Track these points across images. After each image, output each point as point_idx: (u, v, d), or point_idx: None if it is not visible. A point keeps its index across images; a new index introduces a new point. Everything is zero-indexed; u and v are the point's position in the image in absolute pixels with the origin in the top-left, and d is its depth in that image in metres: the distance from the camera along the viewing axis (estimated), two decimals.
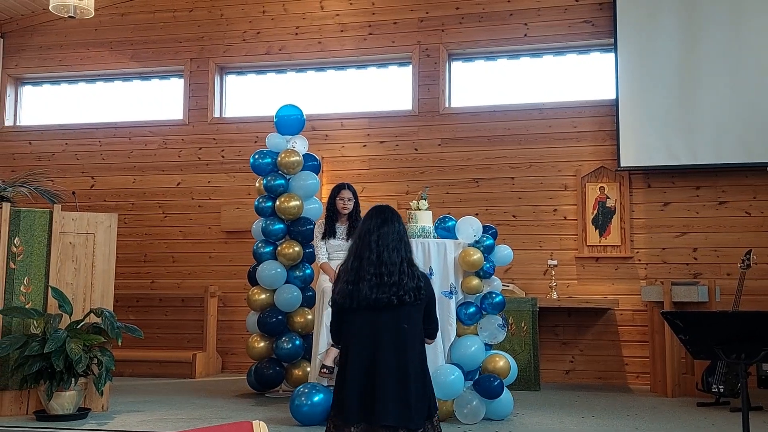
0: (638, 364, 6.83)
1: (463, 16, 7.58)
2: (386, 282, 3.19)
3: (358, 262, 3.27)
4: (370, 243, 3.28)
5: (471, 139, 7.42)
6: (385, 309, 3.20)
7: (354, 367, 3.17)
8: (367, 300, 3.19)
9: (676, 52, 6.91)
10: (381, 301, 3.18)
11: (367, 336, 3.19)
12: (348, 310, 3.24)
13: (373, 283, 3.20)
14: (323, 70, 8.01)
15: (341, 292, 3.24)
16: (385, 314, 3.20)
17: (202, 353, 7.25)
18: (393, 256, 3.25)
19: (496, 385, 4.78)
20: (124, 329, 5.15)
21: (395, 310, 3.20)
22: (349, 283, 3.24)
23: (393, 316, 3.20)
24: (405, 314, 3.22)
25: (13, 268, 5.14)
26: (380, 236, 3.29)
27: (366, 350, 3.18)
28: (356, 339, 3.21)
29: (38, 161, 8.26)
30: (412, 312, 3.25)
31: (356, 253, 3.31)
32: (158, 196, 8.02)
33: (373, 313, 3.20)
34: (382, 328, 3.19)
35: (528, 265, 7.06)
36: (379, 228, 3.31)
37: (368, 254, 3.25)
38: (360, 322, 3.22)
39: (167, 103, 8.31)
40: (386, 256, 3.24)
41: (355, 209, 5.71)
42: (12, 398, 5.08)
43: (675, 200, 6.96)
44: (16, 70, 8.53)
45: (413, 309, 3.25)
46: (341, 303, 3.25)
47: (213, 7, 8.14)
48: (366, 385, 3.13)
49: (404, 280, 3.22)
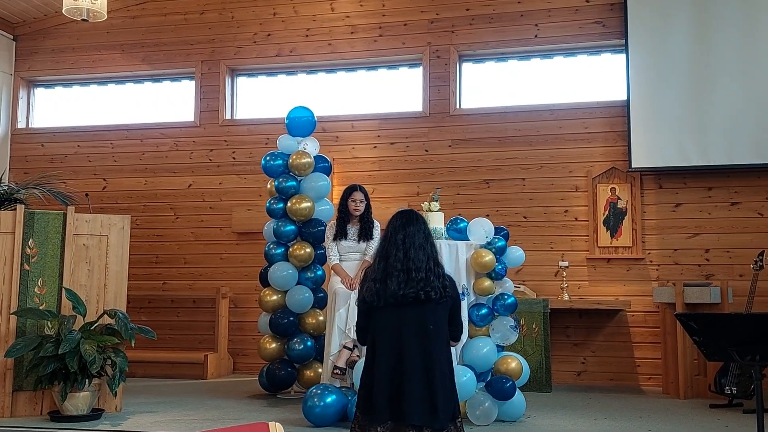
0: (650, 366, 6.81)
1: (473, 17, 7.58)
2: (414, 278, 3.22)
3: (385, 261, 3.29)
4: (396, 241, 3.31)
5: (482, 141, 7.42)
6: (412, 305, 3.21)
7: (382, 365, 3.18)
8: (394, 296, 3.21)
9: (688, 52, 6.88)
10: (408, 296, 3.20)
11: (394, 333, 3.21)
12: (376, 308, 3.26)
13: (401, 279, 3.22)
14: (334, 71, 8.03)
15: (369, 290, 3.26)
16: (412, 311, 3.21)
17: (213, 354, 7.28)
18: (419, 253, 3.28)
19: (509, 387, 4.78)
20: (138, 330, 5.18)
21: (422, 306, 3.22)
22: (376, 281, 3.26)
23: (419, 313, 3.22)
24: (431, 312, 3.23)
25: (27, 269, 5.18)
26: (406, 235, 3.32)
27: (393, 348, 3.19)
28: (382, 337, 3.23)
29: (51, 163, 8.31)
30: (438, 310, 3.27)
31: (383, 252, 3.33)
32: (170, 198, 8.06)
33: (399, 310, 3.21)
34: (408, 324, 3.21)
35: (539, 266, 7.05)
36: (405, 227, 3.34)
37: (395, 252, 3.28)
38: (387, 319, 3.23)
39: (178, 105, 8.34)
40: (413, 253, 3.27)
41: (367, 211, 5.72)
42: (27, 399, 5.12)
43: (687, 201, 6.93)
44: (29, 72, 8.58)
45: (439, 307, 3.27)
46: (369, 301, 3.26)
47: (224, 10, 8.17)
48: (394, 384, 3.14)
49: (431, 278, 3.24)
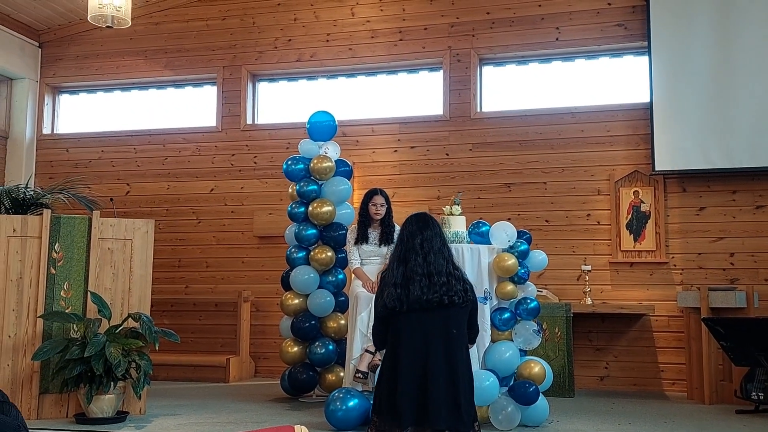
0: (674, 371, 6.75)
1: (493, 20, 7.57)
2: (435, 282, 3.21)
3: (404, 265, 3.27)
4: (415, 246, 3.29)
5: (502, 144, 7.40)
6: (435, 310, 3.20)
7: (406, 370, 3.16)
8: (418, 301, 3.19)
9: (711, 53, 6.83)
10: (432, 301, 3.18)
11: (419, 338, 3.19)
12: (398, 313, 3.24)
13: (423, 284, 3.20)
14: (354, 76, 8.06)
15: (390, 296, 3.24)
16: (435, 315, 3.20)
17: (235, 358, 7.32)
18: (438, 258, 3.27)
19: (532, 391, 4.76)
20: (161, 334, 5.22)
21: (445, 310, 3.21)
22: (397, 286, 3.24)
23: (442, 317, 3.21)
24: (453, 316, 3.22)
25: (53, 273, 5.25)
26: (424, 239, 3.30)
27: (417, 353, 3.17)
28: (406, 342, 3.21)
29: (75, 168, 8.41)
30: (460, 314, 3.26)
31: (401, 257, 3.31)
32: (192, 202, 8.12)
33: (423, 315, 3.20)
34: (432, 329, 3.19)
35: (561, 270, 7.01)
36: (422, 231, 3.33)
37: (414, 257, 3.27)
38: (410, 324, 3.21)
39: (201, 110, 8.41)
40: (432, 257, 3.26)
41: (388, 214, 5.73)
42: (53, 401, 5.18)
43: (711, 204, 6.87)
44: (54, 79, 8.69)
45: (461, 311, 3.26)
46: (391, 306, 3.24)
47: (245, 15, 8.23)
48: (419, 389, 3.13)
49: (452, 282, 3.23)
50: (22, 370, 5.12)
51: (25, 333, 5.16)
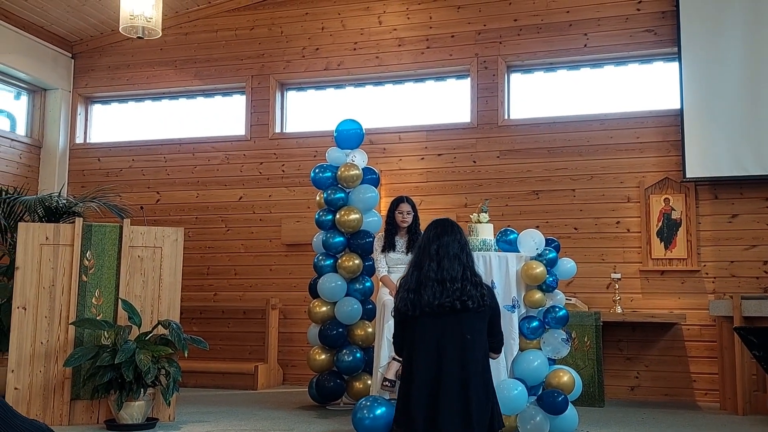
0: (707, 381, 6.64)
1: (521, 27, 7.54)
2: (448, 288, 3.18)
3: (419, 271, 3.26)
4: (430, 252, 3.28)
5: (530, 151, 7.36)
6: (448, 315, 3.17)
7: (418, 377, 3.15)
8: (429, 306, 3.17)
9: (743, 58, 6.73)
10: (444, 306, 3.15)
11: (431, 344, 3.16)
12: (410, 319, 3.22)
13: (436, 289, 3.18)
14: (381, 84, 8.08)
15: (402, 300, 3.24)
16: (448, 320, 3.17)
17: (263, 365, 7.35)
18: (454, 264, 3.24)
19: (561, 401, 4.71)
20: (191, 341, 5.27)
21: (458, 315, 3.17)
22: (410, 291, 3.23)
23: (456, 323, 3.17)
24: (468, 321, 3.18)
25: (85, 281, 5.32)
26: (440, 245, 3.29)
27: (430, 359, 3.15)
28: (420, 348, 3.19)
29: (106, 177, 8.53)
30: (476, 320, 3.21)
31: (416, 263, 3.31)
32: (221, 210, 8.19)
33: (436, 320, 3.17)
34: (446, 335, 3.16)
35: (591, 278, 6.94)
36: (439, 237, 3.31)
37: (428, 262, 3.25)
38: (423, 329, 3.19)
39: (229, 119, 8.49)
40: (446, 263, 3.23)
41: (414, 222, 5.73)
42: (84, 408, 5.24)
43: (743, 212, 6.76)
44: (86, 89, 8.84)
45: (476, 317, 3.21)
46: (403, 311, 3.24)
47: (273, 25, 8.30)
48: (431, 396, 3.11)
49: (467, 287, 3.20)
50: (54, 376, 5.19)
51: (57, 340, 5.24)
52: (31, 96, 8.67)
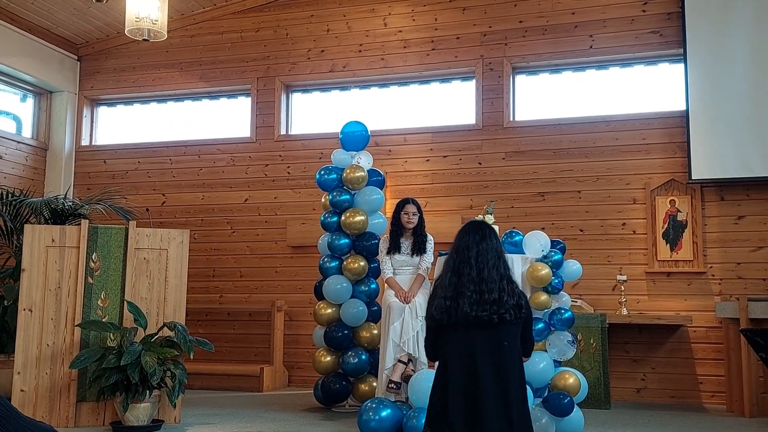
0: (713, 383, 6.61)
1: (526, 29, 7.54)
2: (486, 299, 3.12)
3: (457, 278, 3.19)
4: (470, 259, 3.21)
5: (536, 153, 7.35)
6: (485, 327, 3.13)
7: (455, 386, 3.11)
8: (466, 318, 3.12)
9: (749, 59, 6.71)
10: (481, 319, 3.10)
11: (467, 354, 3.13)
12: (446, 327, 3.18)
13: (473, 300, 3.12)
14: (386, 86, 8.07)
15: (439, 307, 3.18)
16: (485, 332, 3.13)
17: (269, 367, 7.35)
18: (493, 273, 3.18)
19: (567, 403, 4.70)
20: (196, 343, 5.27)
21: (495, 328, 3.13)
22: (447, 298, 3.18)
23: (493, 335, 3.13)
24: (505, 332, 3.15)
25: (90, 282, 5.33)
26: (479, 252, 3.22)
27: (466, 369, 3.11)
28: (455, 357, 3.15)
29: (112, 179, 8.55)
30: (512, 330, 3.18)
31: (454, 268, 3.24)
32: (226, 213, 8.20)
33: (472, 331, 3.13)
34: (482, 346, 3.12)
35: (596, 280, 6.92)
36: (478, 244, 3.24)
37: (468, 270, 3.18)
38: (459, 339, 3.15)
39: (235, 121, 8.50)
40: (486, 273, 3.17)
41: (420, 224, 5.72)
42: (89, 409, 5.25)
43: (750, 213, 6.73)
44: (92, 92, 8.86)
45: (513, 327, 3.18)
46: (439, 319, 3.18)
47: (278, 27, 8.31)
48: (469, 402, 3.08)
49: (504, 298, 3.14)
50: (60, 378, 5.20)
51: (63, 341, 5.25)
52: (37, 98, 8.70)
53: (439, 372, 3.26)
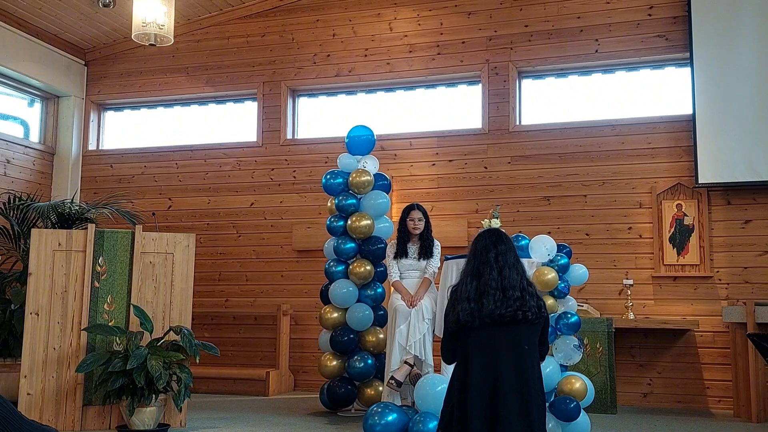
0: (720, 388, 6.58)
1: (532, 33, 7.54)
2: (510, 296, 3.17)
3: (478, 280, 3.24)
4: (489, 260, 3.25)
5: (542, 157, 7.34)
6: (508, 325, 3.16)
7: (475, 386, 3.13)
8: (491, 316, 3.15)
9: (755, 63, 6.69)
10: (506, 316, 3.14)
11: (490, 354, 3.15)
12: (470, 329, 3.20)
13: (498, 297, 3.16)
14: (392, 90, 8.08)
15: (464, 310, 3.20)
16: (507, 331, 3.16)
17: (275, 371, 7.35)
18: (513, 273, 3.23)
19: (573, 408, 4.68)
20: (202, 347, 5.28)
21: (517, 327, 3.16)
22: (470, 300, 3.20)
23: (515, 334, 3.17)
24: (525, 332, 3.18)
25: (97, 286, 5.35)
26: (498, 254, 3.27)
27: (488, 370, 3.13)
28: (476, 358, 3.17)
29: (119, 184, 8.58)
30: (532, 331, 3.22)
31: (474, 271, 3.27)
32: (232, 217, 8.21)
33: (495, 330, 3.16)
34: (503, 345, 3.15)
35: (602, 284, 6.91)
36: (496, 246, 3.29)
37: (489, 270, 3.23)
38: (481, 340, 3.17)
39: (241, 125, 8.52)
40: (507, 272, 3.22)
41: (426, 229, 5.74)
42: (96, 413, 5.26)
43: (757, 217, 6.71)
44: (99, 96, 8.90)
45: (533, 328, 3.22)
46: (464, 321, 3.20)
47: (284, 32, 8.33)
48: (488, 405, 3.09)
49: (526, 297, 3.19)
50: (66, 381, 5.22)
51: (69, 345, 5.26)
52: (45, 103, 8.74)
53: (457, 375, 3.27)
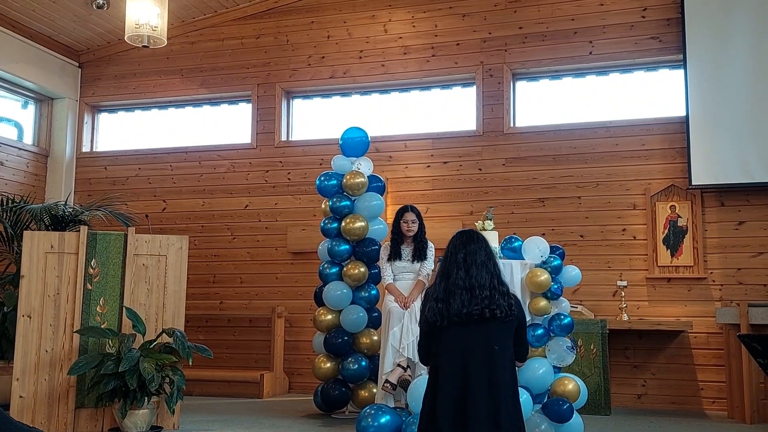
0: (714, 389, 6.59)
1: (526, 35, 7.54)
2: (477, 296, 3.16)
3: (446, 280, 3.24)
4: (457, 260, 3.26)
5: (536, 159, 7.35)
6: (477, 324, 3.15)
7: (445, 387, 3.12)
8: (458, 315, 3.15)
9: (749, 65, 6.71)
10: (472, 315, 3.14)
11: (459, 354, 3.14)
12: (439, 328, 3.20)
13: (464, 297, 3.16)
14: (387, 92, 8.09)
15: (431, 309, 3.21)
16: (477, 329, 3.15)
17: (269, 373, 7.34)
18: (482, 272, 3.22)
19: (566, 409, 4.68)
20: (195, 349, 5.27)
21: (486, 325, 3.15)
22: (438, 300, 3.21)
23: (484, 332, 3.16)
24: (496, 331, 3.17)
25: (89, 289, 5.33)
26: (467, 253, 3.27)
27: (457, 370, 3.13)
28: (446, 358, 3.16)
29: (113, 186, 8.56)
30: (503, 330, 3.20)
31: (443, 272, 3.28)
32: (226, 219, 8.20)
33: (464, 329, 3.15)
34: (473, 344, 3.14)
35: (596, 285, 6.91)
36: (465, 246, 3.29)
37: (456, 270, 3.23)
38: (451, 339, 3.17)
39: (236, 127, 8.51)
40: (475, 271, 3.22)
41: (420, 231, 5.73)
42: (88, 416, 5.25)
43: (750, 219, 6.72)
44: (93, 98, 8.88)
45: (504, 327, 3.20)
46: (432, 321, 3.21)
47: (279, 34, 8.33)
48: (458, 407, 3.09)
49: (495, 296, 3.18)
50: (58, 384, 5.20)
51: (61, 348, 5.25)
52: (39, 105, 8.73)
53: (429, 377, 3.27)
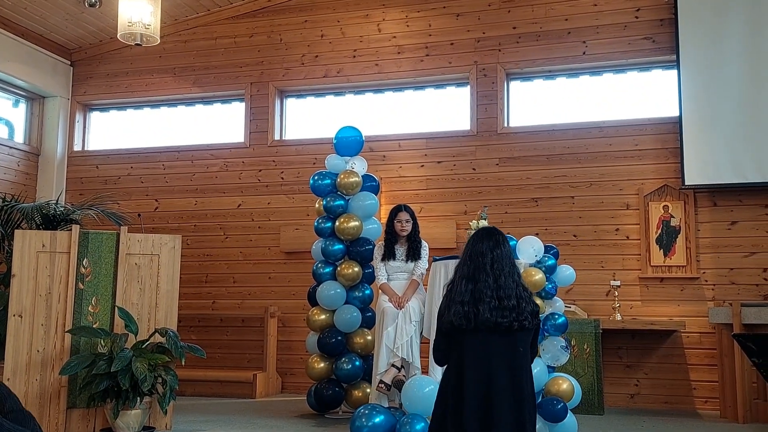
0: (707, 389, 6.61)
1: (520, 35, 7.55)
2: (505, 306, 3.17)
3: (473, 284, 3.23)
4: (485, 266, 3.25)
5: (530, 158, 7.35)
6: (504, 333, 3.17)
7: (470, 391, 3.13)
8: (487, 323, 3.16)
9: (742, 66, 6.72)
10: (501, 325, 3.15)
11: (484, 358, 3.16)
12: (465, 332, 3.21)
13: (493, 306, 3.16)
14: (381, 91, 8.07)
15: (457, 313, 3.20)
16: (503, 338, 3.17)
17: (262, 373, 7.31)
18: (509, 280, 3.23)
19: (560, 409, 4.68)
20: (188, 349, 5.24)
21: (513, 334, 3.17)
22: (465, 304, 3.20)
23: (510, 341, 3.18)
24: (521, 339, 3.20)
25: (81, 288, 5.30)
26: (494, 259, 3.26)
27: (482, 373, 3.14)
28: (472, 362, 3.18)
29: (105, 185, 8.52)
30: (527, 336, 3.23)
31: (469, 275, 3.26)
32: (219, 218, 8.17)
33: (490, 336, 3.17)
34: (499, 351, 3.16)
35: (590, 285, 6.92)
36: (492, 250, 3.28)
37: (484, 277, 3.22)
38: (476, 344, 3.18)
39: (229, 126, 8.48)
40: (503, 280, 3.22)
41: (414, 230, 5.73)
42: (80, 416, 5.21)
43: (743, 219, 6.74)
44: (85, 97, 8.83)
45: (529, 334, 3.24)
46: (458, 324, 3.21)
47: (272, 32, 8.30)
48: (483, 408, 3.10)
49: (522, 305, 3.19)
50: (50, 384, 5.16)
51: (53, 348, 5.21)
52: (30, 103, 8.67)
53: (449, 378, 3.25)
